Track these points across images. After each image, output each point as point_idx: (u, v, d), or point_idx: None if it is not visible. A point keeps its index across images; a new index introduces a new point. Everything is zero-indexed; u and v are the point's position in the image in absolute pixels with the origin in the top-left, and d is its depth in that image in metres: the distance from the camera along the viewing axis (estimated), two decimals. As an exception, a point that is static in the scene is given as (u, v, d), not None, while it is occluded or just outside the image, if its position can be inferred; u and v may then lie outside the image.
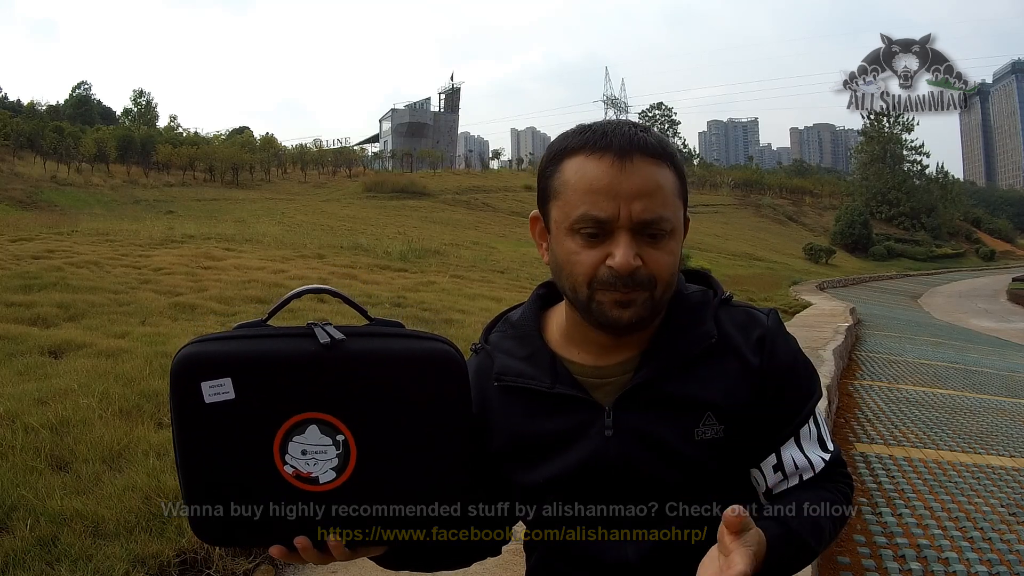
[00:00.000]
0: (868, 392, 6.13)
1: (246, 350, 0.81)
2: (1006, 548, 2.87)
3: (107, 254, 11.44)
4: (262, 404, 0.81)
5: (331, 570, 2.49)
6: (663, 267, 0.88)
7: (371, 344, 0.82)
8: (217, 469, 0.82)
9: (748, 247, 41.98)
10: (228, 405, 0.80)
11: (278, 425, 0.81)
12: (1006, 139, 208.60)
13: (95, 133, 42.47)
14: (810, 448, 0.97)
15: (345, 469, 0.83)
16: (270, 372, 0.80)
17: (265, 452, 0.81)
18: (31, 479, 2.54)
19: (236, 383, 0.80)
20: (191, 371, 0.81)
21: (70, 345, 4.84)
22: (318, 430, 0.82)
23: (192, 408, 0.81)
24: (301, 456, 0.82)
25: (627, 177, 0.85)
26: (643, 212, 0.85)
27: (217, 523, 0.84)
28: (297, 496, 0.83)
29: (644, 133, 0.89)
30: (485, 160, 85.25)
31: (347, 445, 0.82)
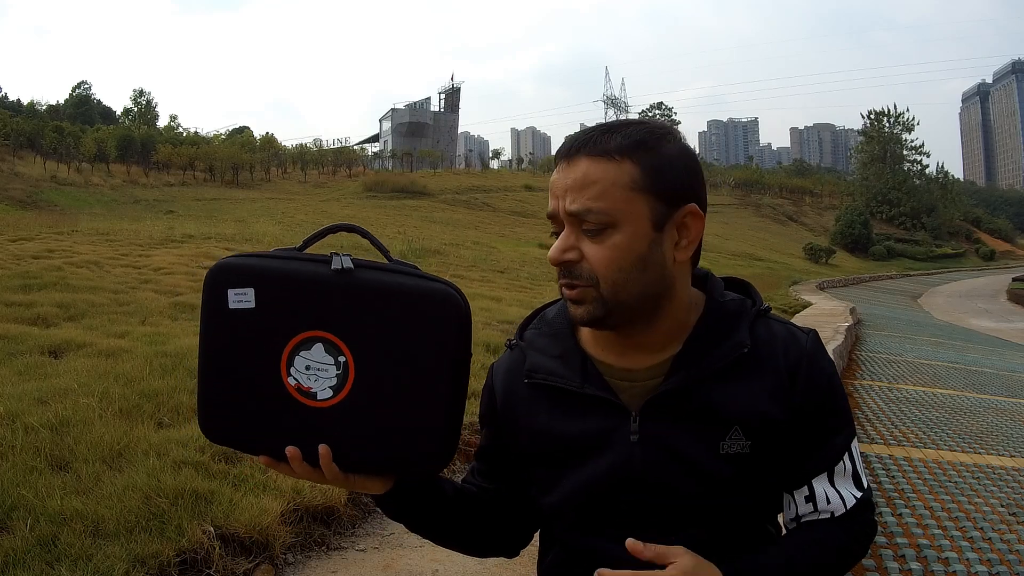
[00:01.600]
0: (868, 392, 6.13)
1: (271, 266, 0.90)
2: (1006, 548, 2.87)
3: (107, 254, 11.44)
4: (277, 317, 0.89)
5: (331, 570, 2.49)
6: (599, 261, 0.89)
7: (379, 276, 0.89)
8: (229, 371, 0.91)
9: (748, 247, 41.96)
10: (248, 313, 0.89)
11: (288, 338, 0.89)
12: (1006, 139, 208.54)
13: (95, 133, 42.48)
14: (843, 484, 0.96)
15: (342, 389, 0.89)
16: (288, 288, 0.89)
17: (273, 362, 0.89)
18: (31, 479, 2.54)
19: (258, 294, 0.89)
20: (221, 277, 0.90)
21: (70, 345, 4.84)
22: (323, 348, 0.89)
23: (217, 311, 0.90)
24: (305, 371, 0.89)
25: (565, 175, 0.90)
26: (570, 204, 0.89)
27: (221, 423, 0.92)
28: (295, 408, 0.90)
29: (606, 133, 0.90)
30: (485, 160, 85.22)
31: (347, 367, 0.89)
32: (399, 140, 72.89)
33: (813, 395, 0.93)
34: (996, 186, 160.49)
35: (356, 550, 2.64)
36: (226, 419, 0.92)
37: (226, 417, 0.92)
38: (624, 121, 0.93)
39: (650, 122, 0.94)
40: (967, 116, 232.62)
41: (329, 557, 2.58)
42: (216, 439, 0.94)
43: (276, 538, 2.45)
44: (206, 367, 0.91)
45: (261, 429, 0.91)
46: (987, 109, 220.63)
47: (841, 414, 0.96)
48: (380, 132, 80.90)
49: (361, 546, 2.68)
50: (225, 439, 0.94)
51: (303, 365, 0.89)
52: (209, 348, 0.91)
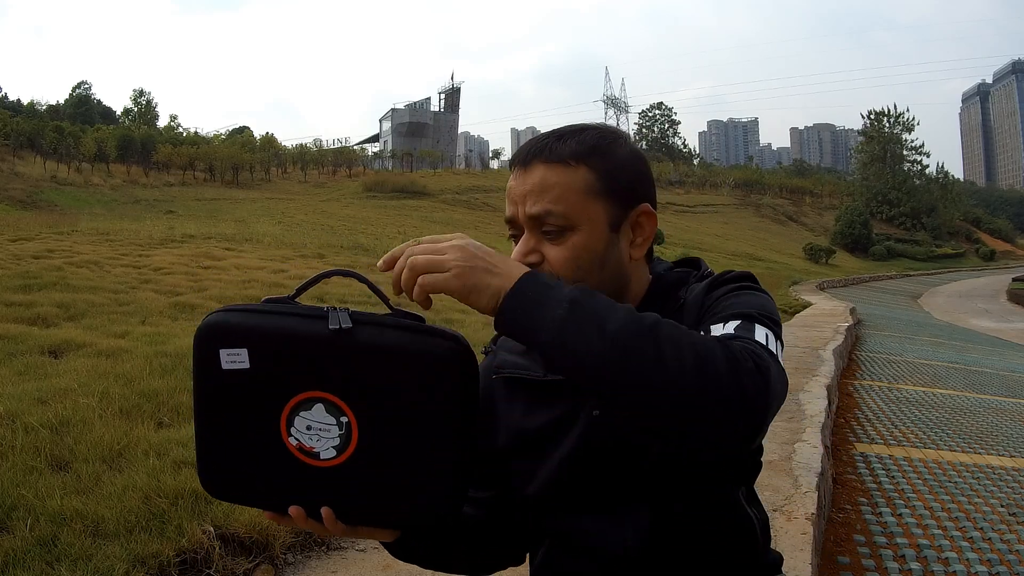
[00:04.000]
0: (868, 392, 6.13)
1: (263, 324, 0.85)
2: (1006, 548, 2.87)
3: (107, 254, 11.44)
4: (273, 377, 0.85)
5: (331, 570, 2.49)
6: (560, 262, 0.92)
7: (379, 335, 0.84)
8: (228, 431, 0.88)
9: (748, 247, 41.97)
10: (242, 374, 0.85)
11: (287, 399, 0.85)
12: (1006, 139, 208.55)
13: (95, 133, 42.44)
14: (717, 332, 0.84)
15: (346, 449, 0.86)
16: (283, 348, 0.84)
17: (273, 422, 0.86)
18: (31, 479, 2.54)
19: (251, 354, 0.85)
20: (212, 337, 0.86)
21: (70, 345, 4.84)
22: (324, 408, 0.85)
23: (210, 372, 0.86)
24: (306, 431, 0.86)
25: (522, 181, 0.93)
26: (530, 207, 0.92)
27: (222, 480, 0.90)
28: (297, 468, 0.87)
29: (558, 140, 0.93)
30: (485, 160, 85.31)
31: (350, 427, 0.85)
32: (399, 140, 72.90)
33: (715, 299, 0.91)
34: (996, 186, 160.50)
35: (356, 550, 2.64)
36: (227, 476, 0.89)
37: (227, 474, 0.89)
38: (576, 127, 0.96)
39: (601, 127, 0.97)
40: (967, 116, 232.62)
41: (329, 557, 2.58)
42: (217, 495, 0.92)
43: (276, 538, 2.45)
44: (202, 426, 0.88)
45: (263, 487, 0.88)
46: (987, 109, 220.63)
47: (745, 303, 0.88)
48: (380, 132, 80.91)
49: (361, 546, 2.68)
50: (227, 495, 0.92)
51: (304, 425, 0.86)
52: (203, 408, 0.88)
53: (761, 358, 0.76)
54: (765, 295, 0.93)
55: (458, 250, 0.81)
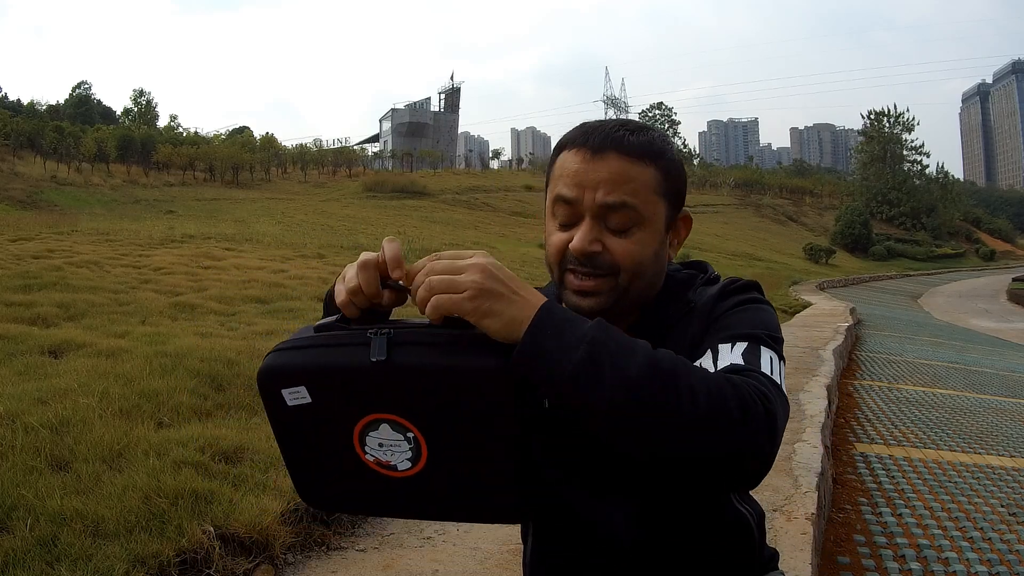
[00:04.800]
0: (868, 392, 6.13)
1: (313, 363, 0.90)
2: (1006, 548, 2.87)
3: (107, 254, 11.44)
4: (335, 406, 0.90)
5: (331, 570, 2.49)
6: (626, 255, 0.93)
7: (417, 357, 0.87)
8: (310, 455, 0.94)
9: (748, 247, 41.96)
10: (308, 407, 0.90)
11: (354, 423, 0.90)
12: (1006, 139, 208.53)
13: (95, 133, 42.42)
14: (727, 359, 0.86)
15: (419, 460, 0.91)
16: (336, 380, 0.89)
17: (347, 444, 0.91)
18: (31, 479, 2.54)
19: (310, 390, 0.90)
20: (272, 381, 0.91)
21: (70, 345, 4.84)
22: (389, 427, 0.90)
23: (279, 410, 0.91)
24: (379, 448, 0.91)
25: (595, 169, 0.92)
26: (605, 196, 0.91)
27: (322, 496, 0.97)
28: (382, 479, 0.93)
29: (630, 133, 0.94)
30: (485, 160, 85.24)
31: (417, 441, 0.90)
32: (399, 140, 72.90)
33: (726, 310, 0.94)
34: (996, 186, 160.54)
35: (356, 550, 2.64)
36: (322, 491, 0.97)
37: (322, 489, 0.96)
38: (638, 124, 0.97)
39: (657, 130, 0.99)
40: (967, 116, 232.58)
41: (329, 557, 2.58)
42: (319, 506, 1.01)
43: (276, 538, 2.45)
44: (287, 452, 0.95)
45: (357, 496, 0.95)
46: (987, 109, 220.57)
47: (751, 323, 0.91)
48: (380, 132, 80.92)
49: (361, 546, 2.68)
50: (328, 505, 1.01)
51: (375, 443, 0.91)
52: (283, 438, 0.94)
53: (769, 401, 0.78)
54: (769, 309, 0.96)
55: (477, 271, 0.80)
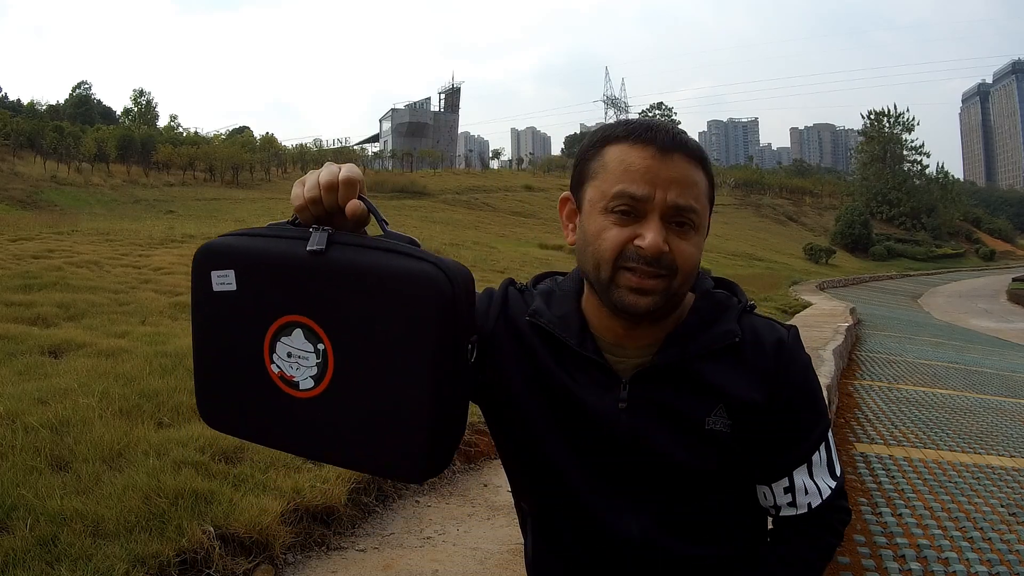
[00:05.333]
0: (868, 392, 6.13)
1: (249, 246, 0.86)
2: (1006, 548, 2.87)
3: (107, 254, 11.44)
4: (257, 300, 0.86)
5: (331, 570, 2.49)
6: (687, 257, 0.93)
7: (358, 256, 0.82)
8: (218, 356, 0.89)
9: (748, 247, 41.94)
10: (231, 296, 0.86)
11: (269, 323, 0.86)
12: (1006, 139, 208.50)
13: (95, 133, 42.37)
14: (820, 474, 1.00)
15: (323, 379, 0.84)
16: (265, 270, 0.85)
17: (257, 347, 0.86)
18: (31, 479, 2.54)
19: (238, 276, 0.86)
20: (204, 259, 0.87)
21: (70, 345, 4.84)
22: (303, 334, 0.85)
23: (203, 294, 0.87)
24: (287, 358, 0.86)
25: (666, 167, 0.91)
26: (678, 197, 0.91)
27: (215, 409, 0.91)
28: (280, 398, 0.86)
29: (685, 136, 0.94)
30: (485, 160, 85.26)
31: (326, 355, 0.84)
32: (399, 140, 72.86)
33: (792, 387, 0.98)
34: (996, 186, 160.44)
35: (356, 550, 2.64)
36: (220, 405, 0.91)
37: (220, 403, 0.91)
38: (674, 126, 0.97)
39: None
40: (967, 116, 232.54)
41: (329, 557, 2.58)
42: (212, 424, 0.93)
43: (276, 538, 2.45)
44: (199, 352, 0.90)
45: (251, 417, 0.89)
46: (987, 109, 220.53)
47: (817, 407, 1.01)
48: (380, 132, 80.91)
49: (361, 546, 2.68)
50: (219, 425, 0.93)
51: (285, 352, 0.85)
52: (199, 332, 0.90)
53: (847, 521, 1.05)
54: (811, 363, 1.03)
55: None
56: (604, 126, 1.00)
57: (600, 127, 1.02)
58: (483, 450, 3.80)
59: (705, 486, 0.97)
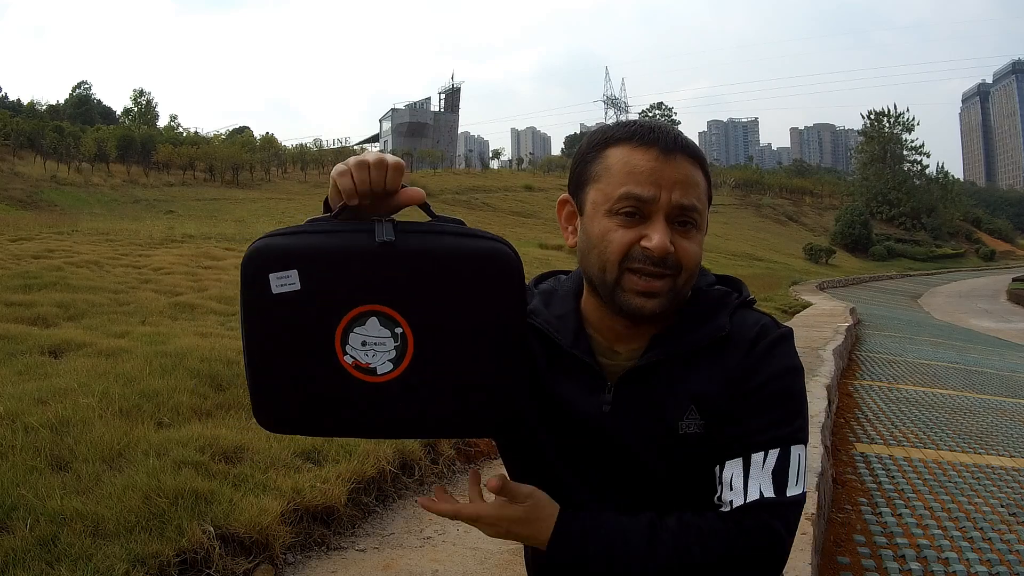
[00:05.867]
0: (868, 392, 6.13)
1: (313, 244, 0.85)
2: (1006, 548, 2.87)
3: (107, 254, 11.44)
4: (325, 296, 0.85)
5: (331, 570, 2.49)
6: (690, 256, 0.93)
7: (425, 241, 0.86)
8: (281, 359, 0.87)
9: (748, 247, 41.95)
10: (294, 296, 0.85)
11: (340, 316, 0.86)
12: (1006, 139, 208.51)
13: (95, 133, 42.39)
14: (757, 477, 0.90)
15: (402, 361, 0.87)
16: (333, 264, 0.85)
17: (327, 343, 0.86)
18: (31, 479, 2.54)
19: (301, 275, 0.84)
20: (260, 263, 0.85)
21: (70, 345, 4.84)
22: (378, 322, 0.86)
23: (259, 299, 0.85)
24: (361, 347, 0.86)
25: (670, 168, 0.91)
26: (682, 197, 0.91)
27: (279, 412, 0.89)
28: (355, 386, 0.87)
29: (683, 138, 0.95)
30: (485, 160, 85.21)
31: (405, 337, 0.86)
32: (399, 140, 72.91)
33: (757, 384, 0.93)
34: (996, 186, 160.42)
35: (356, 550, 2.65)
36: (284, 407, 0.89)
37: (283, 405, 0.89)
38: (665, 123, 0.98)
39: None
40: (967, 116, 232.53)
41: (329, 557, 2.58)
42: (275, 428, 0.92)
43: (276, 538, 2.45)
44: (255, 358, 0.87)
45: (322, 412, 0.89)
46: (987, 109, 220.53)
47: (783, 413, 0.93)
48: (380, 132, 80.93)
49: (361, 546, 2.68)
50: (284, 427, 0.91)
51: (359, 341, 0.86)
52: (255, 338, 0.87)
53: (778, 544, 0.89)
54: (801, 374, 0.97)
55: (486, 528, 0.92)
56: (602, 128, 0.99)
57: (598, 129, 1.01)
58: (483, 450, 3.81)
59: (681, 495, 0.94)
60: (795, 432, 0.92)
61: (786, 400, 0.93)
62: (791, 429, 0.92)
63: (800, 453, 0.92)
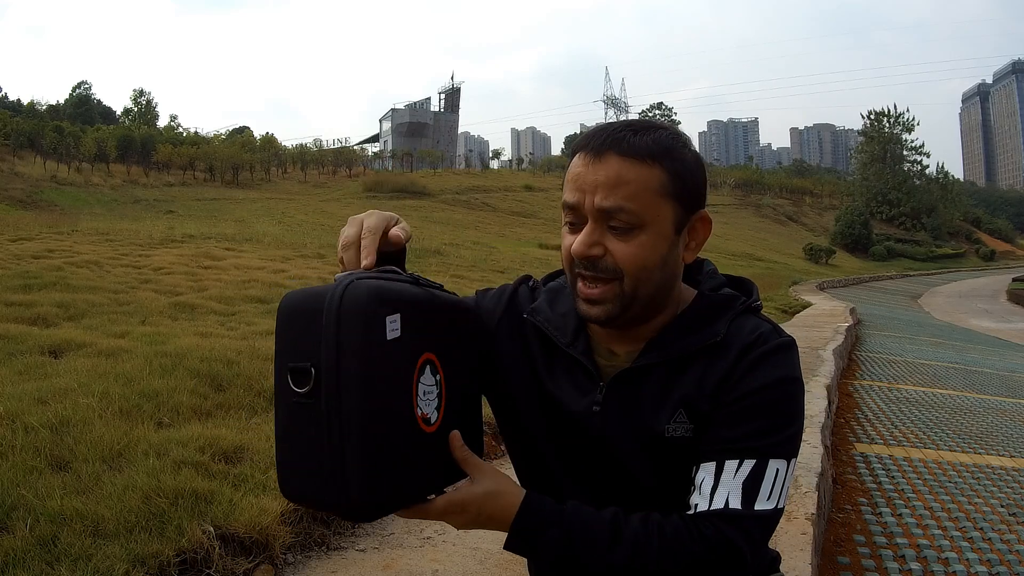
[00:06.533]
0: (868, 392, 6.13)
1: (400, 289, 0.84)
2: (1006, 548, 2.87)
3: (107, 254, 11.44)
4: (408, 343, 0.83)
5: (331, 570, 2.49)
6: (628, 259, 0.91)
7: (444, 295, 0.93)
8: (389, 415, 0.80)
9: (748, 247, 41.94)
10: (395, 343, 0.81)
11: (415, 364, 0.85)
12: (1006, 139, 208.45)
13: (95, 133, 42.36)
14: (726, 486, 0.88)
15: (440, 407, 0.88)
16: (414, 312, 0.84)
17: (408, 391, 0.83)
18: (31, 479, 2.54)
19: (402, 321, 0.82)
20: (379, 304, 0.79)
21: (70, 345, 4.83)
22: (430, 369, 0.87)
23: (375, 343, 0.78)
24: (423, 397, 0.86)
25: (594, 171, 0.91)
26: (602, 201, 0.90)
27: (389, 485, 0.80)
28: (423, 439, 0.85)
29: (633, 134, 0.91)
30: (485, 160, 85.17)
31: (440, 384, 0.88)
32: (399, 140, 72.86)
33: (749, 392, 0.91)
34: (996, 186, 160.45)
35: (356, 550, 2.65)
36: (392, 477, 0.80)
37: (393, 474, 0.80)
38: (646, 123, 0.95)
39: (669, 127, 0.96)
40: (967, 116, 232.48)
41: (329, 557, 2.58)
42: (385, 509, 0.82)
43: (276, 538, 2.45)
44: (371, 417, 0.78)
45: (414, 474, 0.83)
46: (987, 109, 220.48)
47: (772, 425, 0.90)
48: (380, 132, 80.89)
49: (361, 546, 2.68)
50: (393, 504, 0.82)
51: (422, 390, 0.84)
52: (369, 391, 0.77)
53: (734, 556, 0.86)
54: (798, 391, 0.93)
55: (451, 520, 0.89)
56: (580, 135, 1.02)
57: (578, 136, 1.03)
58: (484, 450, 3.81)
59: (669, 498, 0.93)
60: (777, 445, 0.90)
61: (773, 411, 0.91)
62: (773, 441, 0.89)
63: (780, 468, 0.89)
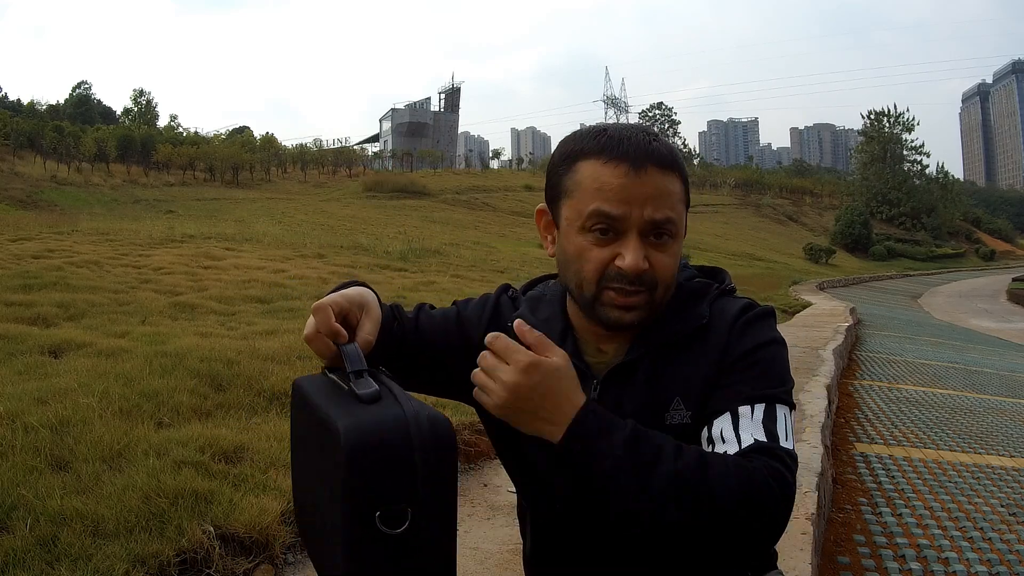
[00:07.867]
0: (868, 392, 6.13)
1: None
2: (1006, 548, 2.87)
3: (107, 254, 11.44)
4: None
5: (331, 570, 2.49)
6: (666, 269, 0.93)
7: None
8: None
9: (748, 247, 41.95)
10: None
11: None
12: (1006, 139, 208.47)
13: (95, 133, 42.37)
14: (747, 428, 0.88)
15: None
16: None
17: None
18: (31, 479, 2.54)
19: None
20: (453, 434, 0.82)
21: (70, 345, 4.83)
22: None
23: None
24: None
25: (641, 184, 0.89)
26: (655, 212, 0.90)
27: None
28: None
29: (656, 142, 0.92)
30: (485, 160, 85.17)
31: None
32: (399, 140, 72.88)
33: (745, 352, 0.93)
34: (996, 186, 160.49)
35: (356, 550, 2.64)
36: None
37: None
38: (649, 129, 0.95)
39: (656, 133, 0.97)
40: (967, 116, 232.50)
41: (329, 557, 2.58)
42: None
43: (276, 538, 2.44)
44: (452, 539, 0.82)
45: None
46: (987, 109, 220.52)
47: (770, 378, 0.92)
48: (380, 132, 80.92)
49: (361, 546, 2.67)
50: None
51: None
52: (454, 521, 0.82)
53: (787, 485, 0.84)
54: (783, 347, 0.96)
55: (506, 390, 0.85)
56: (574, 136, 0.97)
57: (569, 137, 0.98)
58: (483, 450, 3.80)
59: None
60: (780, 393, 0.92)
61: (768, 366, 0.93)
62: (775, 391, 0.91)
63: (785, 414, 0.91)
